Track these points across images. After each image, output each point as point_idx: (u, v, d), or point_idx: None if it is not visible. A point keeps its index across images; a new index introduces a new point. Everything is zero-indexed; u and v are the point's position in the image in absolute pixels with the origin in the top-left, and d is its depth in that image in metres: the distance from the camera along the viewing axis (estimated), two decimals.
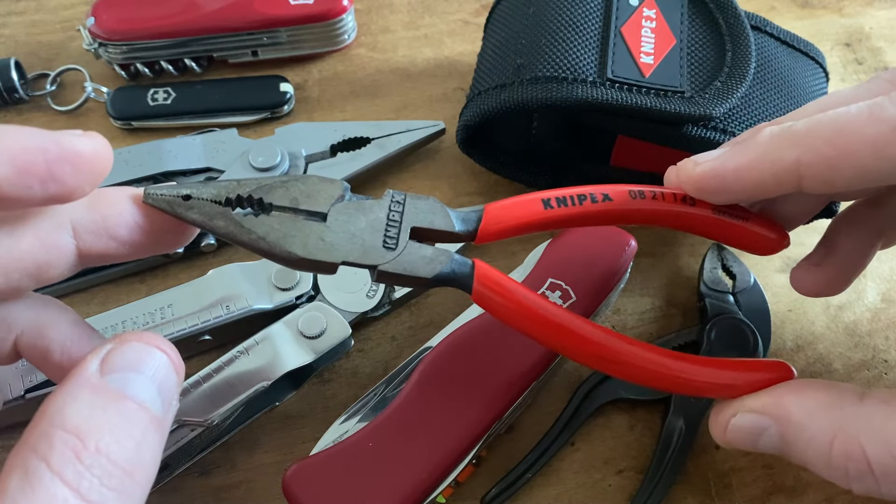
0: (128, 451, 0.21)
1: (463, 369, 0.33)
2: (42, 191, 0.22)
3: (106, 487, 0.20)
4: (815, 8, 0.54)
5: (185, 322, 0.35)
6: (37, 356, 0.27)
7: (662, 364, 0.28)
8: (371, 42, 0.51)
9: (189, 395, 0.33)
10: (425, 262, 0.27)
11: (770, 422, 0.27)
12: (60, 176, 0.23)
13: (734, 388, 0.28)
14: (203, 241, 0.40)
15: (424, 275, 0.27)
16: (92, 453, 0.20)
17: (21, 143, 0.22)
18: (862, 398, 0.25)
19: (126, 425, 0.21)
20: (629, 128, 0.38)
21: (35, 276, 0.25)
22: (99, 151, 0.24)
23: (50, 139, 0.23)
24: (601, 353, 0.28)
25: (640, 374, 0.28)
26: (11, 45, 0.50)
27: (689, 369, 0.28)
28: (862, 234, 0.32)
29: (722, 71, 0.38)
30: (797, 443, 0.26)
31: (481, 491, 0.34)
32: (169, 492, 0.34)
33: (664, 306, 0.40)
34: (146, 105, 0.45)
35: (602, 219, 0.30)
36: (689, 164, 0.29)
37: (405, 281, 0.27)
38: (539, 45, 0.38)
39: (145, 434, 0.22)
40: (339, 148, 0.43)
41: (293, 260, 0.26)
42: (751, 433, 0.27)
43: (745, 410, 0.27)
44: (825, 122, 0.25)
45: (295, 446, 0.36)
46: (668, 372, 0.28)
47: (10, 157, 0.22)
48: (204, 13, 0.46)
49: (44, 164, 0.22)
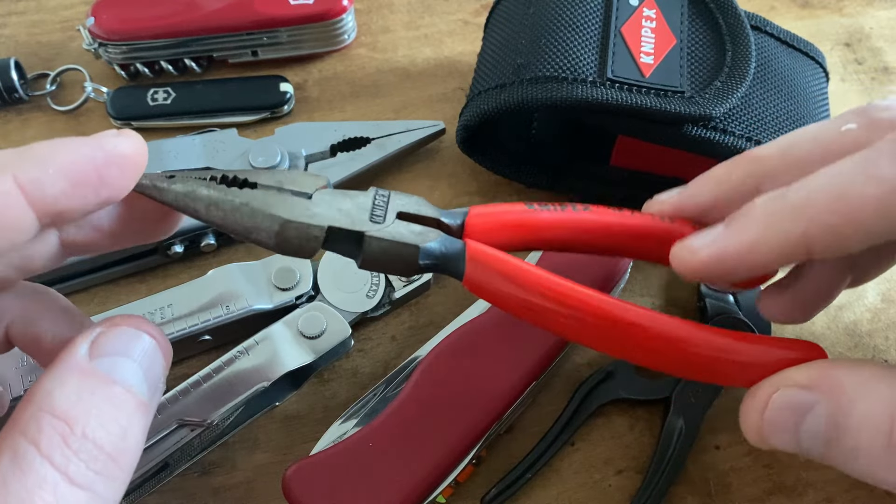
0: (113, 437, 0.21)
1: (463, 369, 0.33)
2: (95, 198, 0.23)
3: (92, 471, 0.21)
4: (815, 8, 0.54)
5: (185, 322, 0.35)
6: (28, 344, 0.27)
7: (681, 337, 0.25)
8: (371, 42, 0.51)
9: (189, 395, 0.33)
10: (414, 235, 0.26)
11: (818, 396, 0.23)
12: (110, 180, 0.23)
13: (755, 367, 0.25)
14: (203, 241, 0.40)
15: (414, 242, 0.26)
16: (79, 438, 0.21)
17: (71, 156, 0.22)
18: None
19: (113, 410, 0.22)
20: (629, 128, 0.38)
21: (19, 268, 0.25)
22: (139, 149, 0.24)
23: (95, 146, 0.23)
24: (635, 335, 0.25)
25: (667, 352, 0.25)
26: (11, 45, 0.50)
27: (711, 342, 0.25)
28: (832, 265, 0.30)
29: (722, 71, 0.38)
30: (849, 421, 0.23)
31: (481, 491, 0.34)
32: (169, 492, 0.34)
33: (664, 306, 0.40)
34: (146, 105, 0.45)
35: (600, 244, 0.29)
36: (684, 253, 0.27)
37: (393, 258, 0.26)
38: (539, 45, 0.38)
39: (131, 419, 0.22)
40: (339, 148, 0.43)
41: (276, 230, 0.25)
42: (795, 411, 0.24)
43: (788, 385, 0.24)
44: (822, 188, 0.24)
45: (295, 446, 0.36)
46: (687, 347, 0.25)
47: (63, 171, 0.22)
48: (204, 13, 0.46)
49: (94, 171, 0.23)
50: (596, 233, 0.28)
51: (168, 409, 0.32)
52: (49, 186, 0.22)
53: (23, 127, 0.46)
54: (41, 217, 0.22)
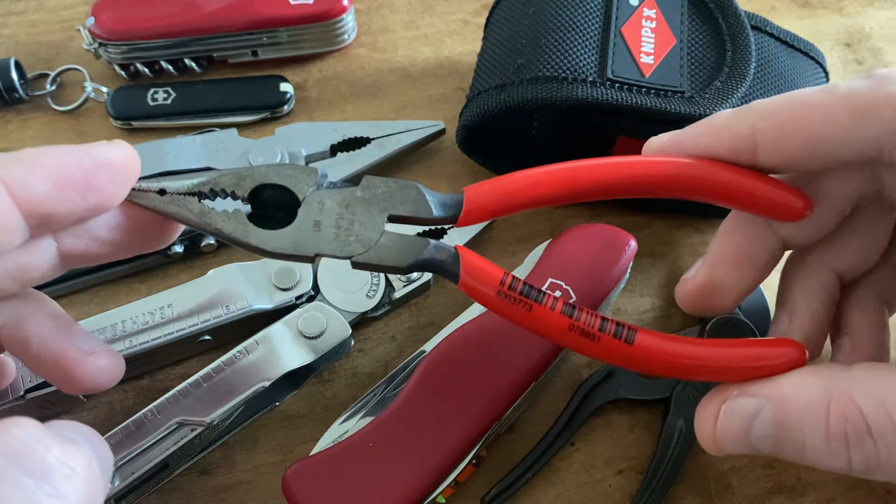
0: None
1: (463, 369, 0.33)
2: (83, 202, 0.23)
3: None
4: (815, 8, 0.54)
5: (185, 322, 0.35)
6: (17, 347, 0.27)
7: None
8: (371, 42, 0.51)
9: (189, 395, 0.33)
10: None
11: (762, 402, 0.26)
12: (97, 185, 0.24)
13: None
14: (203, 241, 0.40)
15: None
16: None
17: (57, 160, 0.23)
18: (850, 367, 0.25)
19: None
20: (629, 128, 0.38)
21: (18, 279, 0.25)
22: (128, 157, 0.25)
23: (82, 151, 0.24)
24: None
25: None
26: (11, 45, 0.50)
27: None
28: (817, 293, 0.31)
29: (722, 71, 0.38)
30: (793, 418, 0.25)
31: (481, 491, 0.34)
32: (169, 492, 0.34)
33: (664, 306, 0.40)
34: (146, 105, 0.45)
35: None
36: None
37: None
38: (539, 45, 0.38)
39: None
40: (339, 148, 0.43)
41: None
42: (743, 418, 0.26)
43: (733, 395, 0.26)
44: (782, 95, 0.27)
45: (295, 446, 0.36)
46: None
47: (48, 173, 0.23)
48: (204, 13, 0.46)
49: (81, 175, 0.23)
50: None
51: (168, 409, 0.32)
52: (34, 187, 0.22)
53: (23, 127, 0.46)
54: (28, 217, 0.22)
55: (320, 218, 0.27)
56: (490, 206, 0.28)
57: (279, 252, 0.27)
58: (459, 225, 0.28)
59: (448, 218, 0.28)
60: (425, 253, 0.27)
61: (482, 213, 0.28)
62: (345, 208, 0.27)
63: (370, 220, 0.27)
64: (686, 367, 0.27)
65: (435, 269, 0.27)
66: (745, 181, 0.28)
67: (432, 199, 0.28)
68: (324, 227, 0.27)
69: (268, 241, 0.27)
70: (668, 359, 0.26)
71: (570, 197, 0.28)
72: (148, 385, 0.37)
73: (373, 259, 0.27)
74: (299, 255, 0.27)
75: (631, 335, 0.26)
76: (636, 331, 0.26)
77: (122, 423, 0.32)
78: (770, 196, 0.28)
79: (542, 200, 0.28)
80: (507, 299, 0.26)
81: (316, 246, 0.27)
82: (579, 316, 0.26)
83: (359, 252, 0.27)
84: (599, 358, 0.27)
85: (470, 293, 0.27)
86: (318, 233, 0.27)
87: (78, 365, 0.28)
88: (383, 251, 0.27)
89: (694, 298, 0.32)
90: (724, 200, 0.29)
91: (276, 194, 0.28)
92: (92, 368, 0.28)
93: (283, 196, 0.27)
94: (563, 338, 0.27)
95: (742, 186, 0.28)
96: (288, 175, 0.27)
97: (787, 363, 0.26)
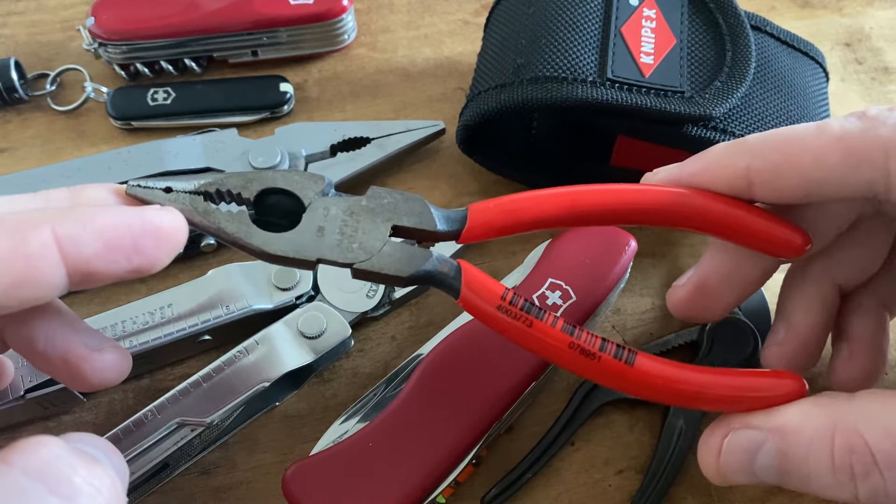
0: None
1: (463, 369, 0.33)
2: (127, 264, 0.24)
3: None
4: (815, 8, 0.54)
5: (185, 322, 0.35)
6: (23, 346, 0.27)
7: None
8: (371, 42, 0.51)
9: (189, 395, 0.33)
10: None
11: (765, 434, 0.26)
12: (143, 249, 0.24)
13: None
14: (203, 241, 0.40)
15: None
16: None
17: (110, 220, 0.23)
18: (853, 396, 0.25)
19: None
20: (629, 128, 0.38)
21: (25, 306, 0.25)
22: (177, 225, 0.25)
23: (135, 214, 0.24)
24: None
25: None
26: (11, 45, 0.50)
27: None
28: (815, 305, 0.32)
29: (722, 71, 0.38)
30: (797, 450, 0.25)
31: (481, 491, 0.34)
32: (169, 492, 0.34)
33: (664, 306, 0.40)
34: (146, 105, 0.45)
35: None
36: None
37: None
38: (539, 45, 0.38)
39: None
40: (338, 148, 0.43)
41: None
42: (747, 451, 0.26)
43: (737, 427, 0.26)
44: (776, 134, 0.27)
45: (295, 446, 0.36)
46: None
47: (100, 233, 0.23)
48: (204, 13, 0.46)
49: (129, 238, 0.23)
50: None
51: (168, 409, 0.32)
52: (85, 245, 0.22)
53: (23, 127, 0.46)
54: (71, 275, 0.22)
55: (324, 224, 0.27)
56: (493, 223, 0.28)
57: (281, 255, 0.26)
58: (462, 241, 0.28)
59: (451, 233, 0.28)
60: (427, 264, 0.27)
61: (485, 230, 0.28)
62: (349, 216, 0.27)
63: (374, 229, 0.27)
64: (686, 394, 0.26)
65: (435, 283, 0.27)
66: (744, 217, 0.28)
67: (437, 213, 0.28)
68: (327, 232, 0.27)
69: (270, 244, 0.27)
70: (668, 384, 0.26)
71: (574, 220, 0.29)
72: (148, 385, 0.37)
73: (374, 267, 0.27)
74: (301, 258, 0.26)
75: (631, 357, 0.26)
76: (637, 353, 0.26)
77: (122, 423, 0.32)
78: (769, 232, 0.28)
79: (545, 222, 0.29)
80: (507, 314, 0.26)
81: (318, 251, 0.27)
82: (580, 334, 0.26)
83: (361, 259, 0.27)
84: (598, 380, 0.27)
85: (469, 309, 0.27)
86: (321, 238, 0.27)
87: (86, 362, 0.27)
88: (385, 259, 0.27)
89: (683, 307, 0.33)
90: (723, 234, 0.29)
91: (282, 200, 0.28)
92: (100, 365, 0.28)
93: (288, 202, 0.27)
94: (563, 356, 0.26)
95: (741, 222, 0.28)
96: (295, 181, 0.27)
97: (788, 395, 0.26)
